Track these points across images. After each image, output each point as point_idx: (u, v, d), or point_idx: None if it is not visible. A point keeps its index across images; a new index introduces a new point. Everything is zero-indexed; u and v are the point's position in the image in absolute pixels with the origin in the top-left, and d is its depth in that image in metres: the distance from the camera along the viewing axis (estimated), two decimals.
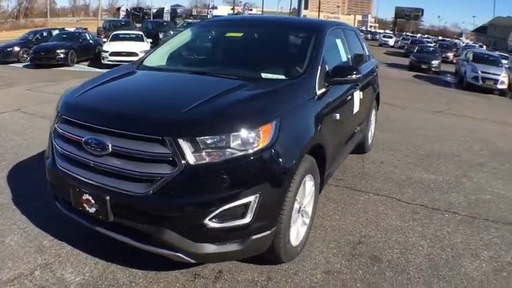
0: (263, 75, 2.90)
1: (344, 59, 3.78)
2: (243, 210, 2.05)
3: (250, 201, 2.04)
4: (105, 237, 2.32)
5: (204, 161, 1.99)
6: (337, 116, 3.08)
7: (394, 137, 6.24)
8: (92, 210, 2.21)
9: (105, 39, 17.24)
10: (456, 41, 48.71)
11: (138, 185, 2.05)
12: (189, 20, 33.90)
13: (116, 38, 15.24)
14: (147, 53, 3.66)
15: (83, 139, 2.21)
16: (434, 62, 18.70)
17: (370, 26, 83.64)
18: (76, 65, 14.42)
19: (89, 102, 2.49)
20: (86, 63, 15.20)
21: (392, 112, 8.20)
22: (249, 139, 2.06)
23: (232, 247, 2.11)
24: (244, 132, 2.06)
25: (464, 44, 40.93)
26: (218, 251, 2.09)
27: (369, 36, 55.88)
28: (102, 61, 13.93)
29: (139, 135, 2.07)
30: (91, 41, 16.25)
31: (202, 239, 2.05)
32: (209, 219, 2.00)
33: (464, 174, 4.72)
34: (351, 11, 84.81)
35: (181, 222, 2.03)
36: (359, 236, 3.10)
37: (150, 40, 17.54)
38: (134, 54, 13.91)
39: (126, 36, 15.75)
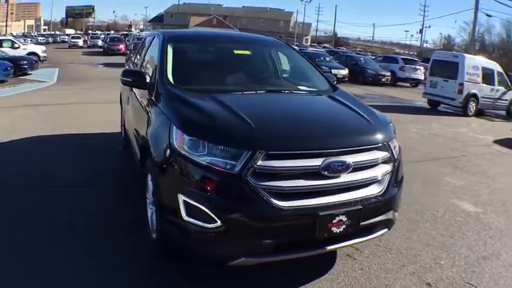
0: (300, 87, 3.66)
1: None
2: (400, 185, 2.85)
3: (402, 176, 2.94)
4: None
5: (396, 155, 2.78)
6: None
7: None
8: (341, 229, 2.41)
9: None
10: (125, 32, 51.12)
11: (374, 186, 2.58)
12: None
13: None
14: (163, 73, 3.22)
15: (321, 166, 2.37)
16: None
17: (44, 29, 77.10)
18: None
19: (290, 132, 2.56)
20: None
21: None
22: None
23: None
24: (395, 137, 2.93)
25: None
26: (396, 215, 2.82)
27: (60, 39, 52.13)
28: None
29: (370, 147, 2.61)
30: None
31: (396, 209, 2.80)
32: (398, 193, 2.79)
33: None
34: (19, 16, 74.14)
35: (396, 201, 2.76)
36: None
37: None
38: None
39: None
